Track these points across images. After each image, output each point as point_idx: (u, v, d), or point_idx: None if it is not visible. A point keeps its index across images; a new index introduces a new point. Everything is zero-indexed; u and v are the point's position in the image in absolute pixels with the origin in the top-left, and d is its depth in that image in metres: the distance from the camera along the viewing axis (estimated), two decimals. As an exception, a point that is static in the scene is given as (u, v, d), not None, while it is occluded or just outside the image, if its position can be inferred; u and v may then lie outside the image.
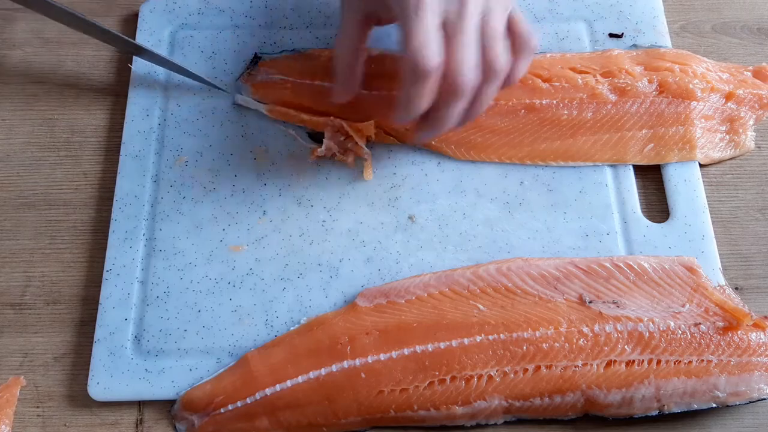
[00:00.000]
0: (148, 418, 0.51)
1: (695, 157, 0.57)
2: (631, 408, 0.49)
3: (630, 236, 0.55)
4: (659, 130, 0.57)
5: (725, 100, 0.58)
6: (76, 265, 0.56)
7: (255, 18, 0.64)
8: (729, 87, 0.59)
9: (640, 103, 0.57)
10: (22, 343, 0.54)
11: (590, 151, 0.57)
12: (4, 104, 0.62)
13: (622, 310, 0.51)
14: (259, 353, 0.51)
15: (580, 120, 0.57)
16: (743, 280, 0.55)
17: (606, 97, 0.58)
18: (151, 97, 0.60)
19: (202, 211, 0.56)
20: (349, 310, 0.52)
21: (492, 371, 0.49)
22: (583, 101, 0.58)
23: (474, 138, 0.57)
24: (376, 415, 0.49)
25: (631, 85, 0.58)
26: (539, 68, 0.59)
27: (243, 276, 0.54)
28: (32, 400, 0.52)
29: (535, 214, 0.56)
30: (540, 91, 0.58)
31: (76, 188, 0.59)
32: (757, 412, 0.51)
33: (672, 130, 0.57)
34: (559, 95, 0.58)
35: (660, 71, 0.59)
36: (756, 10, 0.65)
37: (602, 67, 0.59)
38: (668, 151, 0.57)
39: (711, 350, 0.49)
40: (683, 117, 0.57)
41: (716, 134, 0.58)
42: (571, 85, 0.58)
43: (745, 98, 0.59)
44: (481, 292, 0.52)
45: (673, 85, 0.58)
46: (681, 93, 0.58)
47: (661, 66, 0.59)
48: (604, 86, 0.58)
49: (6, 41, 0.65)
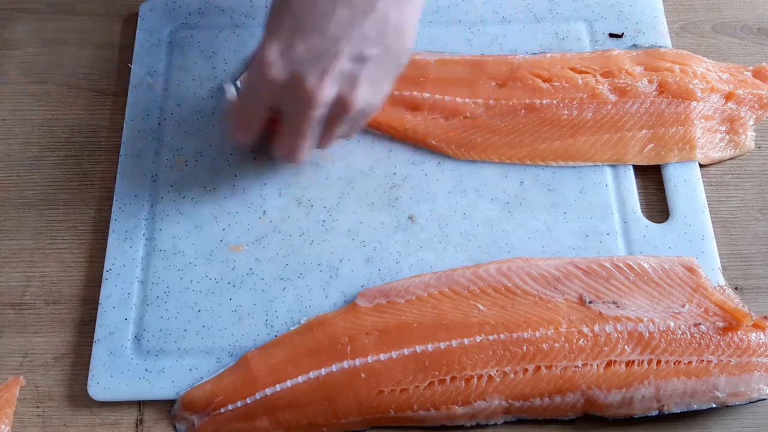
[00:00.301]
0: (148, 418, 0.51)
1: (695, 157, 0.57)
2: (631, 408, 0.49)
3: (630, 236, 0.55)
4: (659, 131, 0.57)
5: (725, 100, 0.58)
6: (76, 265, 0.56)
7: (255, 18, 0.64)
8: (729, 87, 0.59)
9: (640, 104, 0.57)
10: (22, 343, 0.54)
11: (590, 151, 0.57)
12: (4, 104, 0.62)
13: (622, 311, 0.51)
14: (259, 353, 0.51)
15: (580, 120, 0.57)
16: (743, 280, 0.55)
17: (606, 97, 0.58)
18: (151, 97, 0.60)
19: (202, 211, 0.56)
20: (349, 310, 0.52)
21: (492, 371, 0.49)
22: (584, 101, 0.58)
23: (474, 138, 0.57)
24: (376, 415, 0.49)
25: (631, 85, 0.58)
26: (539, 68, 0.59)
27: (243, 276, 0.54)
28: (32, 400, 0.52)
29: (535, 214, 0.56)
30: (540, 91, 0.58)
31: (76, 188, 0.59)
32: (757, 412, 0.51)
33: (672, 130, 0.57)
34: (560, 95, 0.58)
35: (660, 71, 0.59)
36: (756, 10, 0.65)
37: (602, 67, 0.59)
38: (668, 152, 0.57)
39: (711, 350, 0.49)
40: (683, 117, 0.57)
41: (716, 134, 0.58)
42: (571, 85, 0.58)
43: (745, 98, 0.59)
44: (481, 292, 0.52)
45: (673, 86, 0.58)
46: (681, 93, 0.58)
47: (661, 66, 0.59)
48: (604, 86, 0.58)
49: (6, 41, 0.65)
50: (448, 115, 0.58)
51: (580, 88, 0.58)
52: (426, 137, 0.57)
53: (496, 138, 0.57)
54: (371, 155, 0.58)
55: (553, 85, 0.58)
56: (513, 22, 0.63)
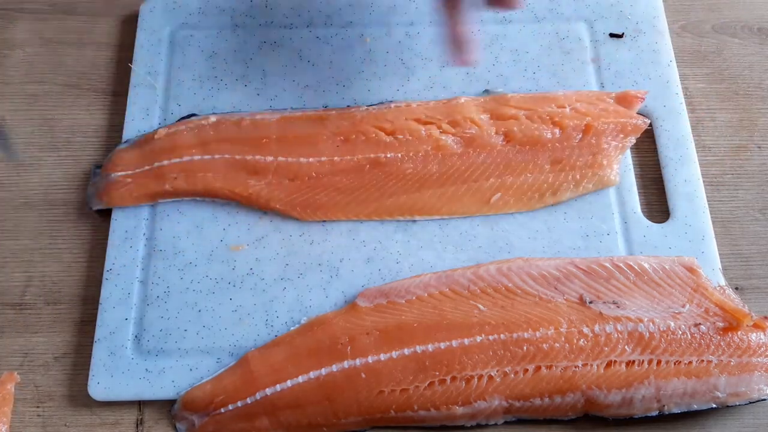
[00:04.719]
0: (149, 418, 0.51)
1: (549, 202, 0.55)
2: (631, 408, 0.49)
3: (630, 236, 0.55)
4: (507, 179, 0.55)
5: (583, 134, 0.56)
6: (76, 265, 0.56)
7: (255, 17, 0.64)
8: (586, 120, 0.56)
9: (486, 154, 0.56)
10: (22, 343, 0.54)
11: (437, 204, 0.55)
12: (4, 104, 0.62)
13: (623, 311, 0.51)
14: (259, 353, 0.51)
15: (425, 173, 0.55)
16: (743, 280, 0.55)
17: (451, 149, 0.56)
18: (151, 97, 0.60)
19: (202, 211, 0.56)
20: (349, 310, 0.52)
21: (492, 371, 0.49)
22: (428, 154, 0.56)
23: (319, 198, 0.55)
24: (376, 415, 0.49)
25: (477, 135, 0.56)
26: (383, 120, 0.57)
27: (243, 276, 0.54)
28: (32, 400, 0.52)
29: (535, 214, 0.56)
30: (384, 145, 0.56)
31: (76, 188, 0.59)
32: (757, 412, 0.51)
33: (521, 179, 0.55)
34: (404, 149, 0.56)
35: (505, 120, 0.56)
36: (756, 10, 0.65)
37: (447, 116, 0.57)
38: (517, 200, 0.55)
39: (711, 351, 0.49)
40: (531, 165, 0.55)
41: (572, 172, 0.56)
42: (415, 138, 0.56)
43: (605, 129, 0.56)
44: (482, 293, 0.52)
45: (518, 134, 0.56)
46: (527, 141, 0.56)
47: (506, 114, 0.57)
48: (449, 138, 0.56)
49: (6, 41, 0.65)
50: (293, 177, 0.55)
51: (424, 140, 0.56)
52: (269, 202, 0.55)
53: (342, 196, 0.55)
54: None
55: (397, 138, 0.56)
56: (513, 22, 0.63)
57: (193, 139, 0.57)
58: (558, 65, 0.61)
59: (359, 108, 0.58)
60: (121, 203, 0.56)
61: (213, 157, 0.56)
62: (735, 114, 0.61)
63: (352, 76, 0.61)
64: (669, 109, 0.59)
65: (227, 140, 0.57)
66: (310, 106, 0.60)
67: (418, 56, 0.62)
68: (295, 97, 0.60)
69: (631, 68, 0.61)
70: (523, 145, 0.56)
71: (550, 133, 0.56)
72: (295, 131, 0.57)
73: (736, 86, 0.62)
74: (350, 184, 0.55)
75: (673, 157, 0.57)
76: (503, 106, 0.57)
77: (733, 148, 0.60)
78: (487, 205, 0.55)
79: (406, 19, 0.63)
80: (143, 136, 0.58)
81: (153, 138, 0.57)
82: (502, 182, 0.55)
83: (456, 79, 0.61)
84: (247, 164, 0.56)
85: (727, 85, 0.62)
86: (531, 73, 0.61)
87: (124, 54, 0.64)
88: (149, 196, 0.56)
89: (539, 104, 0.58)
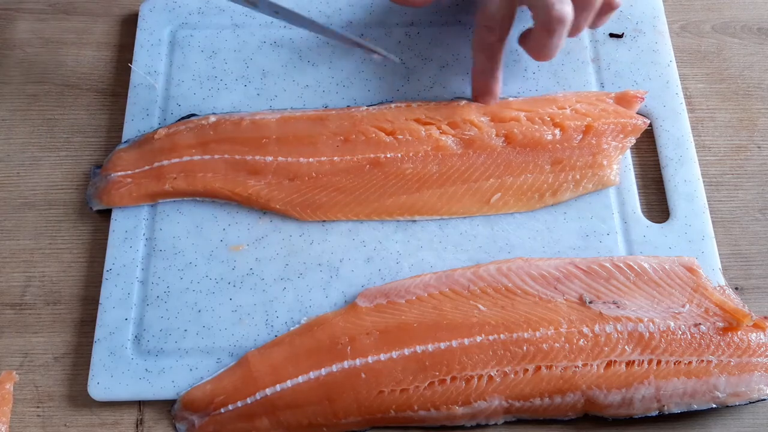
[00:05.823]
0: (149, 418, 0.51)
1: (549, 202, 0.55)
2: (631, 408, 0.49)
3: (630, 236, 0.55)
4: (507, 180, 0.55)
5: (583, 135, 0.56)
6: (76, 265, 0.56)
7: (255, 18, 0.64)
8: (586, 120, 0.56)
9: (486, 154, 0.56)
10: (22, 343, 0.54)
11: (437, 204, 0.55)
12: (4, 104, 0.62)
13: (622, 311, 0.51)
14: (259, 353, 0.51)
15: (425, 173, 0.55)
16: (743, 280, 0.55)
17: (451, 149, 0.56)
18: (151, 97, 0.60)
19: (202, 211, 0.56)
20: (349, 310, 0.52)
21: (492, 371, 0.49)
22: (428, 154, 0.56)
23: (319, 198, 0.55)
24: (376, 415, 0.49)
25: (477, 137, 0.56)
26: (383, 121, 0.57)
27: (243, 276, 0.54)
28: (32, 400, 0.52)
29: (535, 214, 0.56)
30: (384, 145, 0.56)
31: (76, 188, 0.59)
32: (757, 412, 0.51)
33: (521, 179, 0.55)
34: (404, 149, 0.56)
35: (506, 122, 0.57)
36: (756, 10, 0.65)
37: (447, 117, 0.57)
38: (516, 201, 0.55)
39: (711, 351, 0.49)
40: (531, 165, 0.56)
41: (572, 172, 0.56)
42: (415, 138, 0.56)
43: (605, 129, 0.56)
44: (482, 293, 0.52)
45: (518, 136, 0.56)
46: (528, 143, 0.56)
47: (506, 116, 0.57)
48: (448, 138, 0.56)
49: (6, 41, 0.65)
50: (292, 177, 0.55)
51: (423, 141, 0.56)
52: (269, 202, 0.55)
53: (342, 196, 0.55)
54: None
55: (396, 138, 0.56)
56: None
57: (192, 139, 0.57)
58: (558, 65, 0.61)
59: (359, 108, 0.58)
60: (120, 203, 0.56)
61: (213, 157, 0.56)
62: (735, 114, 0.61)
63: (352, 76, 0.61)
64: (669, 109, 0.59)
65: (227, 140, 0.57)
66: (310, 106, 0.60)
67: (418, 56, 0.62)
68: (295, 97, 0.60)
69: (631, 68, 0.61)
70: (524, 146, 0.56)
71: (551, 134, 0.56)
72: (295, 131, 0.57)
73: (736, 86, 0.62)
74: (350, 184, 0.55)
75: (673, 157, 0.57)
76: (504, 108, 0.57)
77: (733, 148, 0.60)
78: (487, 205, 0.55)
79: (406, 20, 0.63)
80: (143, 136, 0.58)
81: (153, 138, 0.57)
82: (502, 182, 0.55)
83: (456, 80, 0.61)
84: (247, 164, 0.56)
85: (727, 85, 0.62)
86: (531, 74, 0.61)
87: (123, 54, 0.64)
88: (149, 196, 0.56)
89: (540, 106, 0.58)
